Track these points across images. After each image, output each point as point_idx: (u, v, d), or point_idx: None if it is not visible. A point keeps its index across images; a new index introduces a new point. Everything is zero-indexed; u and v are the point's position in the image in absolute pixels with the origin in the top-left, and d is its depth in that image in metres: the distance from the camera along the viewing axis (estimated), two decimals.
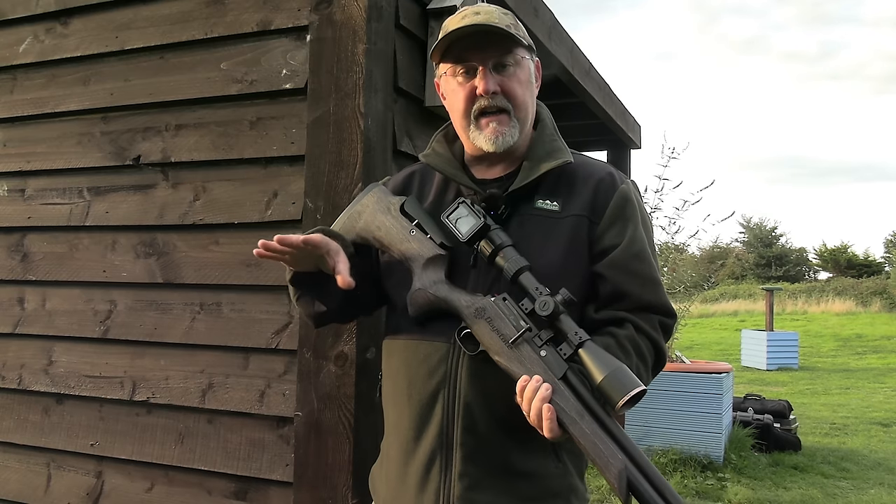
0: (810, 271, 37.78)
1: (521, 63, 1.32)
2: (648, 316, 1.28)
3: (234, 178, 2.10)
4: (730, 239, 38.32)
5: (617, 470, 1.08)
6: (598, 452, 1.10)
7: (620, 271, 1.28)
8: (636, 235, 1.31)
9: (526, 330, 1.19)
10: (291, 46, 2.04)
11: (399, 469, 1.33)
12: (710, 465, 5.21)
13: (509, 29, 1.29)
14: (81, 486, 2.27)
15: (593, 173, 1.35)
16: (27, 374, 2.39)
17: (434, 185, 1.41)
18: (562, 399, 1.14)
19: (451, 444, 1.26)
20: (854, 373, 11.75)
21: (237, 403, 2.04)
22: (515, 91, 1.31)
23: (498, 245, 1.24)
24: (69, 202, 2.37)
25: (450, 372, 1.27)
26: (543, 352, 1.18)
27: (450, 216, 1.28)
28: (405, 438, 1.32)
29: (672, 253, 6.83)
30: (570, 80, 3.66)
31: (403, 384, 1.33)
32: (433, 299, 1.27)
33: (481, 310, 1.22)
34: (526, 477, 1.27)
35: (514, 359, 1.18)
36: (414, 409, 1.30)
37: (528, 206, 1.32)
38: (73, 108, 2.36)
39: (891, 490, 4.94)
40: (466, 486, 1.25)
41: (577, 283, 1.27)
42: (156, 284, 2.20)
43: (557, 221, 1.30)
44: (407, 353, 1.33)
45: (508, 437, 1.25)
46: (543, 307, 1.17)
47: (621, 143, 5.60)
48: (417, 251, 1.31)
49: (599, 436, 1.11)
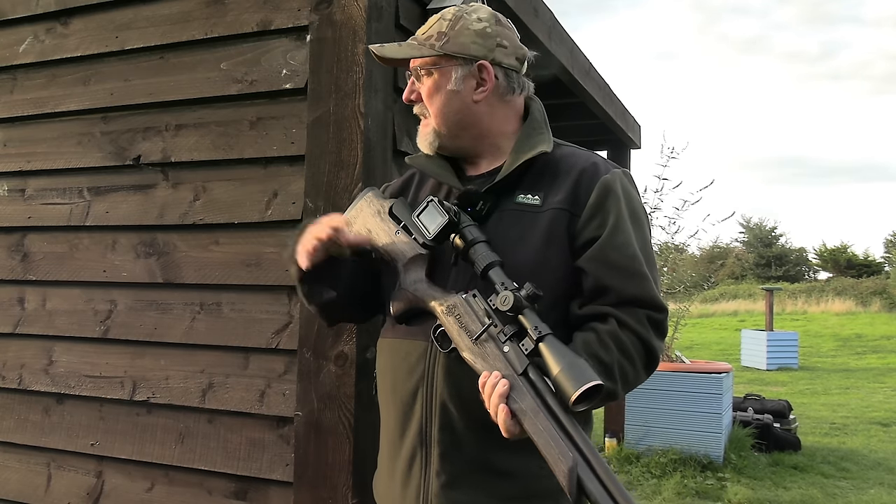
0: (810, 271, 37.78)
1: (432, 72, 1.35)
2: (633, 311, 1.24)
3: (234, 178, 2.11)
4: (730, 239, 38.33)
5: (566, 468, 1.06)
6: (549, 450, 1.09)
7: (601, 265, 1.25)
8: (619, 227, 1.27)
9: (489, 325, 1.18)
10: (291, 46, 2.04)
11: (388, 465, 1.36)
12: (710, 464, 5.20)
13: (426, 41, 1.35)
14: (82, 485, 2.27)
15: (576, 164, 1.33)
16: (27, 373, 2.39)
17: (429, 186, 1.43)
18: (519, 395, 1.12)
19: (429, 442, 1.27)
20: (854, 373, 11.75)
21: (237, 403, 2.05)
22: (425, 100, 1.37)
23: (469, 241, 1.23)
24: (69, 202, 2.37)
25: (427, 370, 1.28)
26: (506, 347, 1.17)
27: (419, 215, 1.28)
28: (392, 436, 1.35)
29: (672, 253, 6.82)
30: (570, 80, 3.66)
31: (389, 382, 1.36)
32: (412, 298, 1.29)
33: (452, 307, 1.23)
34: (507, 476, 1.25)
35: (479, 355, 1.18)
36: (397, 408, 1.32)
37: (508, 201, 1.31)
38: (73, 108, 2.36)
39: (891, 490, 4.94)
40: (443, 483, 1.25)
41: (556, 278, 1.26)
42: (156, 284, 2.20)
43: (536, 215, 1.29)
44: (391, 351, 1.36)
45: (488, 436, 1.21)
46: (504, 302, 1.15)
47: (621, 143, 5.61)
48: (401, 251, 1.32)
49: (552, 433, 1.09)
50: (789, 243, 38.72)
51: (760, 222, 38.38)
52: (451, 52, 1.33)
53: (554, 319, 1.19)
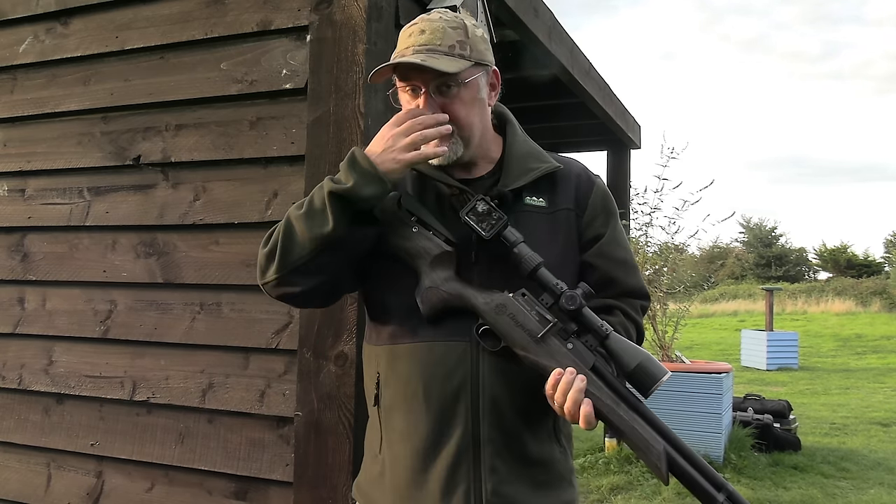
0: (810, 271, 37.80)
1: (465, 83, 1.30)
2: (632, 301, 1.38)
3: (234, 178, 2.11)
4: (730, 239, 38.37)
5: (658, 452, 1.15)
6: (639, 437, 1.17)
7: (608, 259, 1.37)
8: (616, 226, 1.41)
9: (554, 324, 1.22)
10: (291, 46, 2.04)
11: (413, 476, 1.29)
12: (710, 464, 5.20)
13: (452, 51, 1.27)
14: (81, 485, 2.27)
15: (571, 170, 1.42)
16: (27, 373, 2.39)
17: (409, 183, 1.39)
18: (596, 389, 1.18)
19: (479, 442, 1.26)
20: (854, 373, 11.75)
21: (237, 403, 2.05)
22: (459, 113, 1.30)
23: (512, 242, 1.25)
24: (69, 202, 2.37)
25: (472, 370, 1.27)
26: (570, 344, 1.22)
27: (468, 214, 1.27)
28: (422, 444, 1.28)
29: (672, 253, 6.81)
30: (569, 80, 3.66)
31: (417, 388, 1.29)
32: (447, 297, 1.26)
33: (502, 306, 1.24)
34: (540, 464, 1.31)
35: (543, 352, 1.21)
36: (434, 412, 1.28)
37: (518, 204, 1.34)
38: (73, 108, 2.37)
39: (891, 490, 4.94)
40: (498, 481, 1.26)
41: (573, 273, 1.34)
42: (156, 284, 2.20)
43: (549, 216, 1.36)
44: (417, 356, 1.30)
45: (525, 428, 1.29)
46: (570, 302, 1.21)
47: (621, 143, 5.61)
48: (423, 248, 1.29)
49: (638, 421, 1.17)
50: (789, 243, 38.80)
51: (760, 222, 38.47)
52: (478, 60, 1.32)
53: None
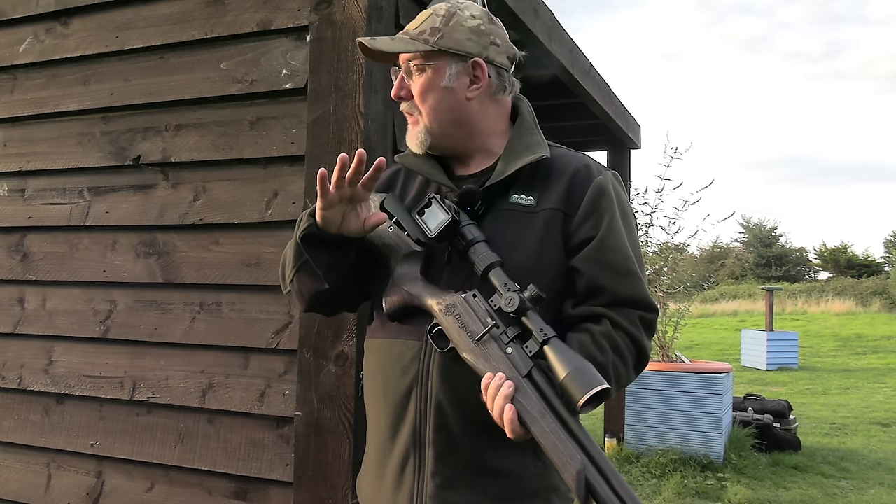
0: (810, 271, 37.79)
1: (426, 69, 1.32)
2: (626, 311, 1.25)
3: (234, 178, 2.11)
4: (730, 239, 38.35)
5: (575, 470, 1.07)
6: (558, 452, 1.09)
7: (595, 265, 1.25)
8: (612, 228, 1.28)
9: (492, 327, 1.17)
10: (291, 46, 2.04)
11: (377, 468, 1.34)
12: (710, 465, 5.20)
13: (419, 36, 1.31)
14: (81, 486, 2.27)
15: (568, 165, 1.33)
16: (27, 374, 2.39)
17: (416, 183, 1.41)
18: (524, 397, 1.12)
19: (424, 443, 1.26)
20: (854, 373, 11.75)
21: (237, 403, 2.05)
22: (416, 98, 1.34)
23: (469, 241, 1.23)
24: (69, 202, 2.37)
25: (422, 370, 1.26)
26: (510, 349, 1.16)
27: (420, 212, 1.27)
28: (382, 438, 1.32)
29: (672, 253, 6.81)
30: (569, 80, 3.66)
31: (380, 383, 1.33)
32: (406, 296, 1.27)
33: (451, 306, 1.21)
34: (501, 476, 1.25)
35: (481, 356, 1.17)
36: (389, 409, 1.30)
37: (503, 202, 1.30)
38: (73, 108, 2.36)
39: (891, 490, 4.94)
40: (439, 484, 1.24)
41: (551, 279, 1.25)
42: (156, 284, 2.20)
43: (532, 216, 1.29)
44: (382, 351, 1.33)
45: (482, 436, 1.22)
46: (509, 303, 1.15)
47: (621, 143, 5.61)
48: (394, 248, 1.31)
49: (559, 435, 1.09)
50: (789, 243, 38.80)
51: (760, 222, 38.47)
52: (445, 47, 1.31)
53: (548, 319, 1.18)
